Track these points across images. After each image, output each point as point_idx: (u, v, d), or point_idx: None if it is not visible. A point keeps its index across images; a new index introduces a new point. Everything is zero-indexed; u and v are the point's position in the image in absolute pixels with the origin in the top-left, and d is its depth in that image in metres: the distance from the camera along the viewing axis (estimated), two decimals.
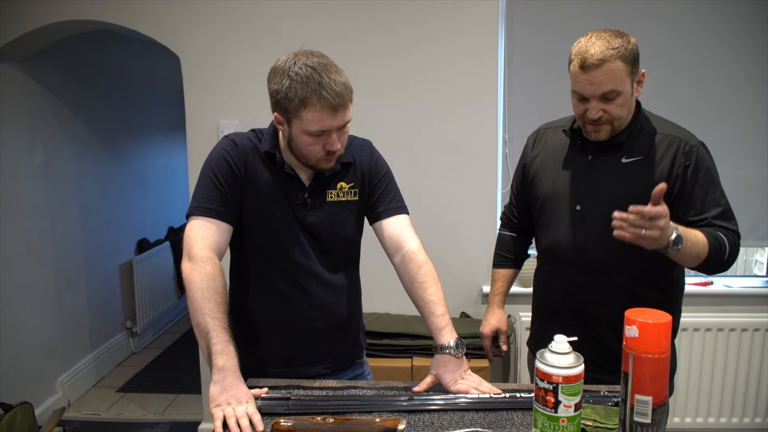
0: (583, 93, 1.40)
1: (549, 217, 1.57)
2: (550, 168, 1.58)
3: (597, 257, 1.48)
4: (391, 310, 2.65)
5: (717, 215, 1.42)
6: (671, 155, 1.43)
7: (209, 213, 1.33)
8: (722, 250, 1.38)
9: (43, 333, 3.14)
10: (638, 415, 1.03)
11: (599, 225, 1.44)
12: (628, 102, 1.42)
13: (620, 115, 1.42)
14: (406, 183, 1.63)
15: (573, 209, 1.51)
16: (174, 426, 3.07)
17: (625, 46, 1.37)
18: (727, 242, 1.39)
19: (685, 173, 1.42)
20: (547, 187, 1.57)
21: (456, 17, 2.54)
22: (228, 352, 1.20)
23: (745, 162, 2.59)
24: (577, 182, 1.51)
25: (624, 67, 1.37)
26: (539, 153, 1.62)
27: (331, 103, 1.24)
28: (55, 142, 3.25)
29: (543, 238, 1.61)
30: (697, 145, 1.44)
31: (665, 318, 1.02)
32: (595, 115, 1.41)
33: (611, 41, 1.36)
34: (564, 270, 1.55)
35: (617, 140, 1.47)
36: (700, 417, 2.69)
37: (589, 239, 1.49)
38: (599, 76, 1.36)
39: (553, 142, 1.60)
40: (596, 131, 1.45)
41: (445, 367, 1.32)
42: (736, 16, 2.50)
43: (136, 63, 4.07)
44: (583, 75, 1.38)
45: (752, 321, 2.61)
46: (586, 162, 1.51)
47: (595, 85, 1.37)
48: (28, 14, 2.66)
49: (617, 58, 1.35)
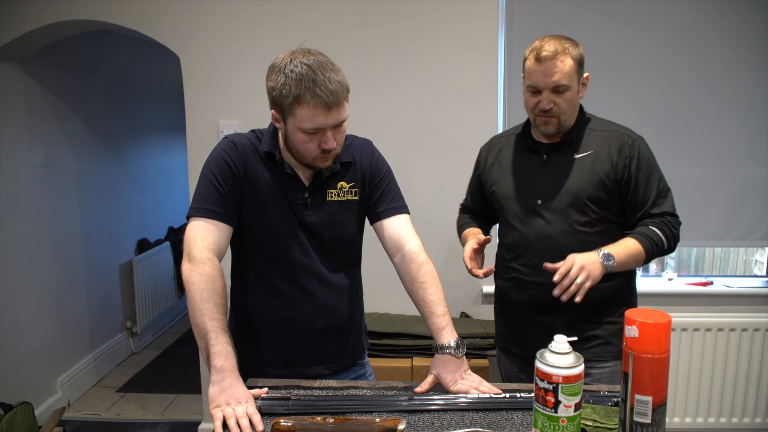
0: (536, 85, 1.57)
1: (513, 213, 1.70)
2: (508, 171, 1.73)
3: (562, 243, 1.61)
4: (391, 310, 2.65)
5: (654, 199, 1.61)
6: (617, 148, 1.61)
7: (209, 214, 1.34)
8: (659, 245, 1.58)
9: (43, 333, 3.14)
10: (638, 415, 1.03)
11: (561, 214, 1.62)
12: (574, 99, 1.60)
13: (566, 109, 1.59)
14: (406, 183, 1.63)
15: (535, 204, 1.65)
16: (174, 426, 3.07)
17: (574, 48, 1.57)
18: (661, 234, 1.58)
19: (629, 163, 1.60)
20: (508, 188, 1.72)
21: (456, 17, 2.54)
22: (227, 353, 1.20)
23: (745, 162, 2.59)
24: (535, 179, 1.67)
25: (573, 65, 1.56)
26: (494, 161, 1.77)
27: (324, 101, 1.24)
28: (55, 142, 3.25)
29: (509, 233, 1.72)
30: (638, 139, 1.64)
31: (665, 318, 1.02)
32: (547, 106, 1.57)
33: (562, 42, 1.57)
34: (533, 260, 1.65)
35: (568, 138, 1.64)
36: (700, 417, 2.69)
37: (554, 227, 1.63)
38: (552, 68, 1.54)
39: (507, 149, 1.76)
40: (546, 123, 1.61)
41: (445, 367, 1.32)
42: (737, 15, 2.50)
43: (136, 63, 4.07)
44: (537, 66, 1.55)
45: (752, 321, 2.61)
46: (541, 161, 1.67)
47: (548, 76, 1.55)
48: (28, 14, 2.66)
49: (567, 55, 1.55)
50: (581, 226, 1.62)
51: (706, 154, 2.59)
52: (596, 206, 1.61)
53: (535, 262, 1.64)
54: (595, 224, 1.62)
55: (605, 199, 1.61)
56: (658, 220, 1.61)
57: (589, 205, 1.61)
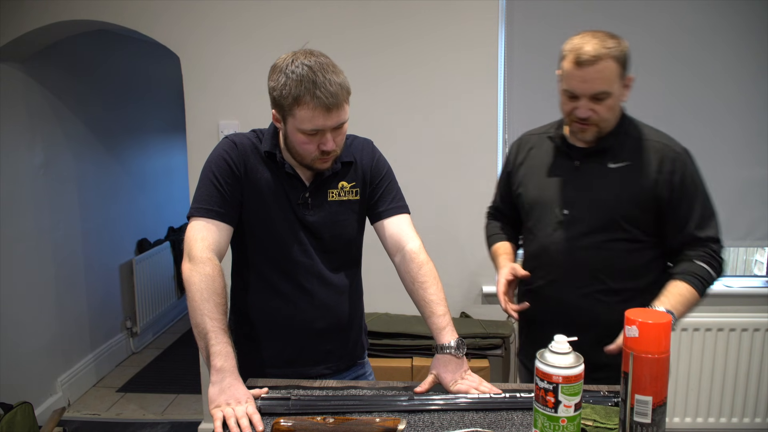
0: (574, 91, 1.42)
1: (536, 222, 1.58)
2: (536, 174, 1.59)
3: (586, 259, 1.49)
4: (391, 310, 2.65)
5: (697, 222, 1.47)
6: (657, 160, 1.46)
7: (209, 214, 1.34)
8: (709, 279, 1.45)
9: (43, 333, 3.14)
10: (638, 415, 1.03)
11: (588, 228, 1.48)
12: (616, 105, 1.45)
13: (607, 117, 1.44)
14: (405, 182, 1.63)
15: (561, 214, 1.52)
16: (174, 426, 3.07)
17: (618, 48, 1.39)
18: (710, 270, 1.45)
19: (671, 179, 1.45)
20: (534, 193, 1.58)
21: (456, 16, 2.54)
22: (226, 353, 1.20)
23: (745, 162, 2.59)
24: (564, 187, 1.53)
25: (616, 68, 1.39)
26: (524, 160, 1.64)
27: (324, 103, 1.24)
28: (55, 141, 3.25)
29: (531, 243, 1.61)
30: (683, 152, 1.48)
31: (665, 318, 1.02)
32: (584, 114, 1.42)
33: (605, 41, 1.38)
34: (553, 274, 1.53)
35: (604, 145, 1.48)
36: (700, 417, 2.69)
37: (578, 242, 1.50)
38: (592, 74, 1.37)
39: (538, 148, 1.61)
40: (582, 131, 1.46)
41: (445, 366, 1.32)
42: (737, 15, 2.50)
43: (135, 63, 4.07)
44: (577, 71, 1.39)
45: (752, 321, 2.61)
46: (572, 168, 1.53)
47: (588, 83, 1.39)
48: (28, 14, 2.66)
49: (610, 58, 1.37)
50: (608, 243, 1.47)
51: (706, 154, 2.57)
52: (627, 223, 1.47)
53: (555, 277, 1.53)
54: (624, 242, 1.48)
55: (638, 216, 1.46)
56: (703, 251, 1.45)
57: (620, 222, 1.46)
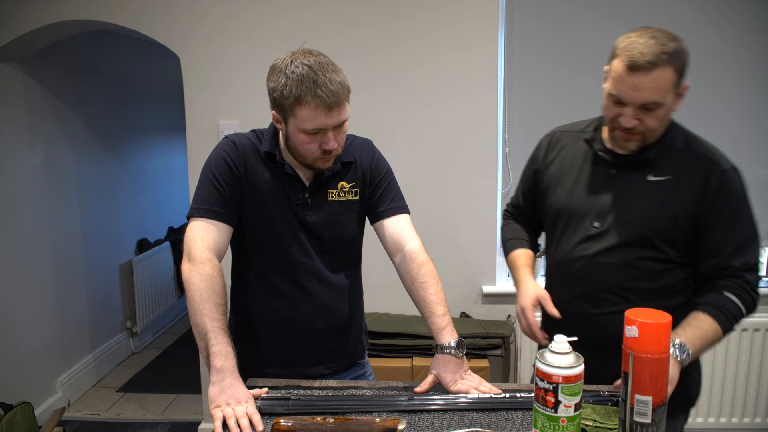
0: (622, 97, 1.28)
1: (562, 233, 1.46)
2: (567, 178, 1.46)
3: (613, 278, 1.38)
4: (391, 310, 2.65)
5: (736, 247, 1.33)
6: (702, 177, 1.32)
7: (209, 214, 1.34)
8: (737, 318, 1.31)
9: (43, 333, 3.14)
10: (638, 415, 1.03)
11: (618, 243, 1.36)
12: (666, 116, 1.32)
13: (655, 128, 1.31)
14: (405, 182, 1.63)
15: (590, 226, 1.40)
16: (174, 426, 3.07)
17: (677, 54, 1.24)
18: (740, 304, 1.31)
19: (714, 198, 1.32)
20: (562, 199, 1.46)
21: (456, 16, 2.54)
22: (226, 353, 1.20)
23: (745, 162, 2.56)
24: (597, 198, 1.40)
25: (672, 78, 1.25)
26: (555, 159, 1.50)
27: (325, 102, 1.24)
28: (55, 141, 3.25)
29: (555, 253, 1.49)
30: (730, 170, 1.35)
31: (665, 318, 1.02)
32: (629, 124, 1.30)
33: (665, 44, 1.23)
34: (576, 289, 1.42)
35: (646, 156, 1.35)
36: (700, 417, 2.69)
37: (606, 257, 1.37)
38: (646, 83, 1.23)
39: (572, 149, 1.47)
40: (626, 140, 1.34)
41: (445, 366, 1.32)
42: (737, 15, 2.50)
43: (135, 63, 4.07)
44: (629, 77, 1.25)
45: (752, 321, 2.60)
46: (608, 177, 1.39)
47: (639, 91, 1.25)
48: (28, 14, 2.66)
49: (668, 66, 1.23)
50: (638, 261, 1.35)
51: None
52: (662, 242, 1.34)
53: (575, 292, 1.42)
54: (656, 262, 1.36)
55: (675, 236, 1.34)
56: (735, 282, 1.32)
57: (654, 241, 1.34)
